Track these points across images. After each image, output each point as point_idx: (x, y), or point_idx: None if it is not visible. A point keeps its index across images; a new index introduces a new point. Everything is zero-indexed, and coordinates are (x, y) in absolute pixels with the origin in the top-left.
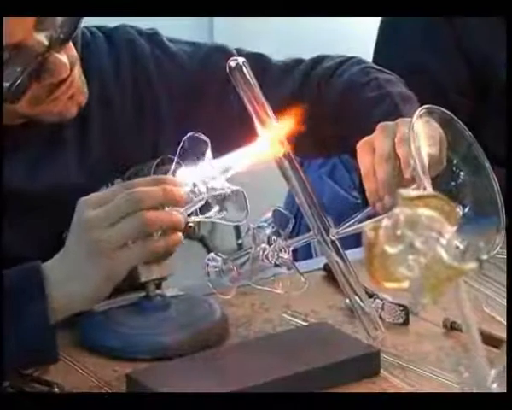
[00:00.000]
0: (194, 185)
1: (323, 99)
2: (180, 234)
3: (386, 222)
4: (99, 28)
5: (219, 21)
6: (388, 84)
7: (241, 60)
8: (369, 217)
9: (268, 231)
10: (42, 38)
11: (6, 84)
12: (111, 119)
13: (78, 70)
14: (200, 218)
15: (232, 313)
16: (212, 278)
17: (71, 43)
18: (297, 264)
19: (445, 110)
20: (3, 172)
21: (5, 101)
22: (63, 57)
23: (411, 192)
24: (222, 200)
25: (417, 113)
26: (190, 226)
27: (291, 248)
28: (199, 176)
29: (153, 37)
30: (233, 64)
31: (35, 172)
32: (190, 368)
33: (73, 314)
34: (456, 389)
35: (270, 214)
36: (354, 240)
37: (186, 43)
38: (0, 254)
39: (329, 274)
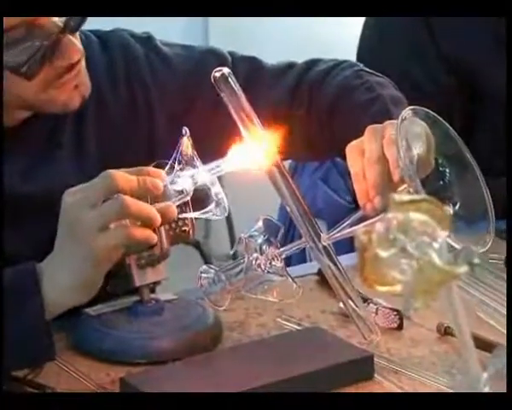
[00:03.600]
0: (178, 179)
1: (316, 102)
2: (153, 233)
3: (378, 226)
4: (93, 32)
5: (214, 22)
6: (380, 87)
7: (226, 70)
8: (359, 221)
9: (259, 240)
10: (57, 19)
11: (24, 58)
12: (106, 122)
13: (83, 62)
14: (186, 215)
15: (226, 317)
16: (206, 289)
17: (78, 37)
18: (291, 269)
19: (430, 111)
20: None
21: (20, 75)
22: (76, 41)
23: (403, 196)
24: (204, 198)
25: (402, 114)
26: (184, 231)
27: (283, 256)
28: (186, 172)
29: (147, 40)
30: (218, 74)
31: (31, 174)
32: (184, 372)
33: (68, 317)
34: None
35: (260, 223)
36: (348, 245)
37: (180, 47)
38: (0, 254)
39: (323, 279)
